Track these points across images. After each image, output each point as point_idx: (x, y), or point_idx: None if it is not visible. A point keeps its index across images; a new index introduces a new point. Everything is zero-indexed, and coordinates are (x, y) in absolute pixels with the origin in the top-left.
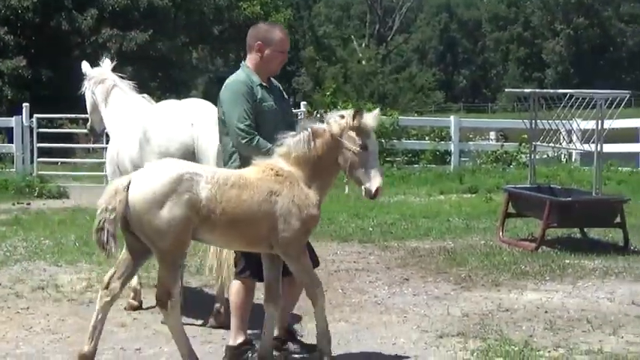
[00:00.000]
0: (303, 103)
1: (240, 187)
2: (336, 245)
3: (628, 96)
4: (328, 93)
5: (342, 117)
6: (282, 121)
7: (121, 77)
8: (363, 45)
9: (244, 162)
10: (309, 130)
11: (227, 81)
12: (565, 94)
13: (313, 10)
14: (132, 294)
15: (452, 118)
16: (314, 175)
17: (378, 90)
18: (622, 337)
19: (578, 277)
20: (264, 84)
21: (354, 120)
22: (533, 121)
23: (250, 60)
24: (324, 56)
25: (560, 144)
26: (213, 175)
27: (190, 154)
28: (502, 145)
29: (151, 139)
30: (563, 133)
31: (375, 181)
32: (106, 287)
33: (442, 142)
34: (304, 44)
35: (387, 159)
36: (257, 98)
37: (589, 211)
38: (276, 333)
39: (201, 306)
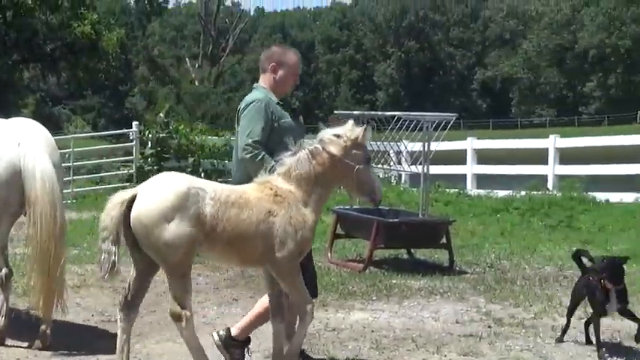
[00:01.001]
0: (135, 123)
1: (240, 206)
2: None
3: (454, 119)
4: (161, 113)
5: (339, 136)
6: (299, 136)
7: None
8: (197, 65)
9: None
10: (307, 150)
11: (247, 99)
12: (393, 117)
13: (147, 29)
14: None
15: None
16: (312, 193)
17: (211, 110)
18: (445, 356)
19: (404, 297)
20: (281, 102)
21: (358, 137)
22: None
23: (265, 80)
24: (158, 76)
25: (389, 165)
26: (216, 192)
27: (17, 174)
28: None
29: None
30: (392, 155)
31: (379, 188)
32: (124, 306)
33: None
34: (138, 64)
35: (219, 179)
36: (276, 116)
37: (415, 232)
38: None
39: (28, 328)
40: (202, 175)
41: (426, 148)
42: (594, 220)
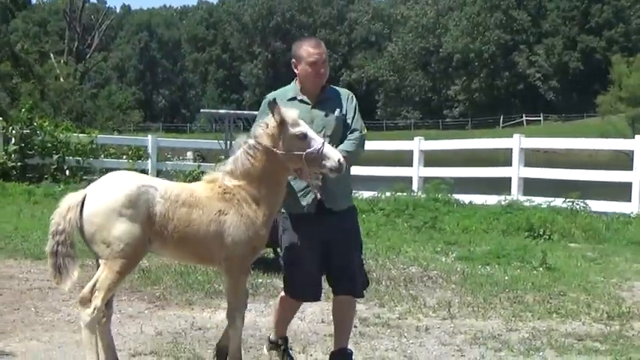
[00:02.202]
0: None
1: (190, 205)
2: (30, 263)
3: None
4: (24, 109)
5: (267, 125)
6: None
7: None
8: (62, 61)
9: None
10: (244, 147)
11: None
12: None
13: (11, 25)
14: None
15: (149, 137)
16: (261, 189)
17: (77, 107)
18: (311, 355)
19: (270, 296)
20: (301, 97)
21: (277, 121)
22: (229, 141)
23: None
24: (21, 72)
25: None
26: (166, 190)
27: None
28: (199, 166)
29: None
30: None
31: (334, 154)
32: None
33: (140, 161)
34: (1, 59)
35: (85, 177)
36: None
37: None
38: None
39: None
40: (67, 172)
41: None
42: (458, 222)
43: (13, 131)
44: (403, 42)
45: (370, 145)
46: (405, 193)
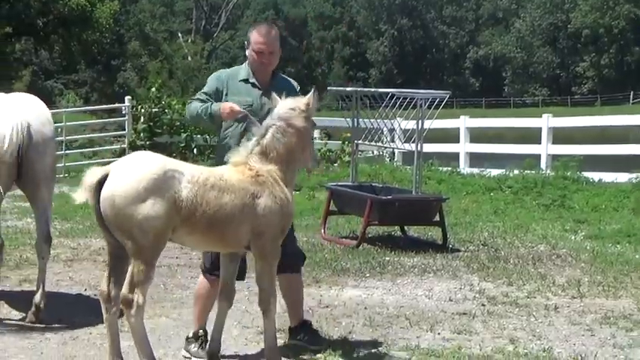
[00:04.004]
0: (127, 98)
1: (220, 189)
2: None
3: (447, 96)
4: (153, 88)
5: (293, 109)
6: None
7: None
8: (190, 41)
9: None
10: (274, 128)
11: None
12: (387, 94)
13: (138, 5)
14: None
15: None
16: (288, 168)
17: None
18: (439, 334)
19: (397, 274)
20: (253, 81)
21: (309, 104)
22: (356, 119)
23: None
24: (150, 51)
25: (382, 143)
26: (194, 174)
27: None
28: (326, 144)
29: None
30: (385, 132)
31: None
32: (109, 298)
33: None
34: (130, 38)
35: (212, 156)
36: (227, 90)
37: (409, 210)
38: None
39: (21, 301)
40: (195, 150)
41: (419, 126)
42: (587, 200)
43: (142, 110)
44: (531, 18)
45: (498, 123)
46: (533, 171)
